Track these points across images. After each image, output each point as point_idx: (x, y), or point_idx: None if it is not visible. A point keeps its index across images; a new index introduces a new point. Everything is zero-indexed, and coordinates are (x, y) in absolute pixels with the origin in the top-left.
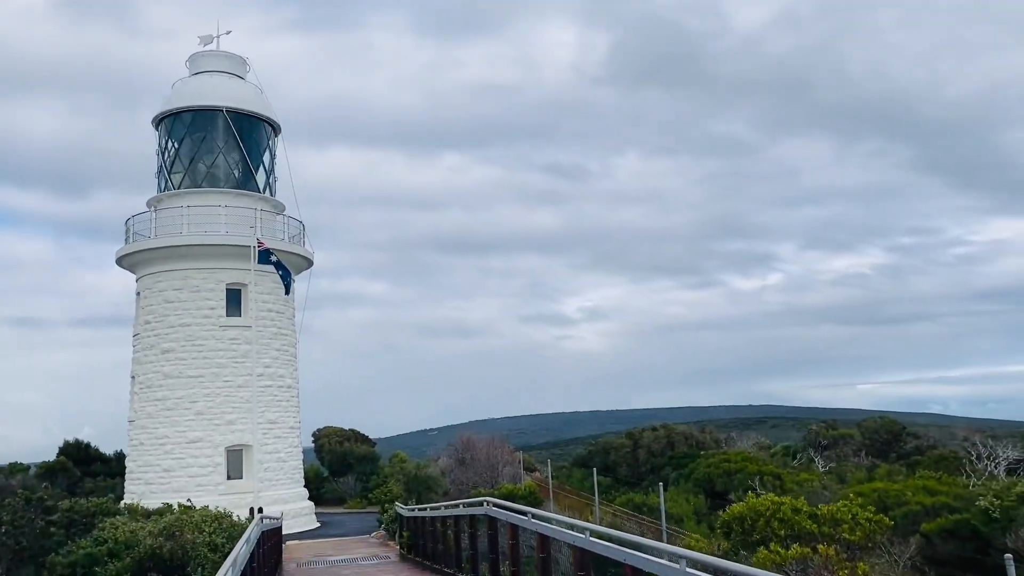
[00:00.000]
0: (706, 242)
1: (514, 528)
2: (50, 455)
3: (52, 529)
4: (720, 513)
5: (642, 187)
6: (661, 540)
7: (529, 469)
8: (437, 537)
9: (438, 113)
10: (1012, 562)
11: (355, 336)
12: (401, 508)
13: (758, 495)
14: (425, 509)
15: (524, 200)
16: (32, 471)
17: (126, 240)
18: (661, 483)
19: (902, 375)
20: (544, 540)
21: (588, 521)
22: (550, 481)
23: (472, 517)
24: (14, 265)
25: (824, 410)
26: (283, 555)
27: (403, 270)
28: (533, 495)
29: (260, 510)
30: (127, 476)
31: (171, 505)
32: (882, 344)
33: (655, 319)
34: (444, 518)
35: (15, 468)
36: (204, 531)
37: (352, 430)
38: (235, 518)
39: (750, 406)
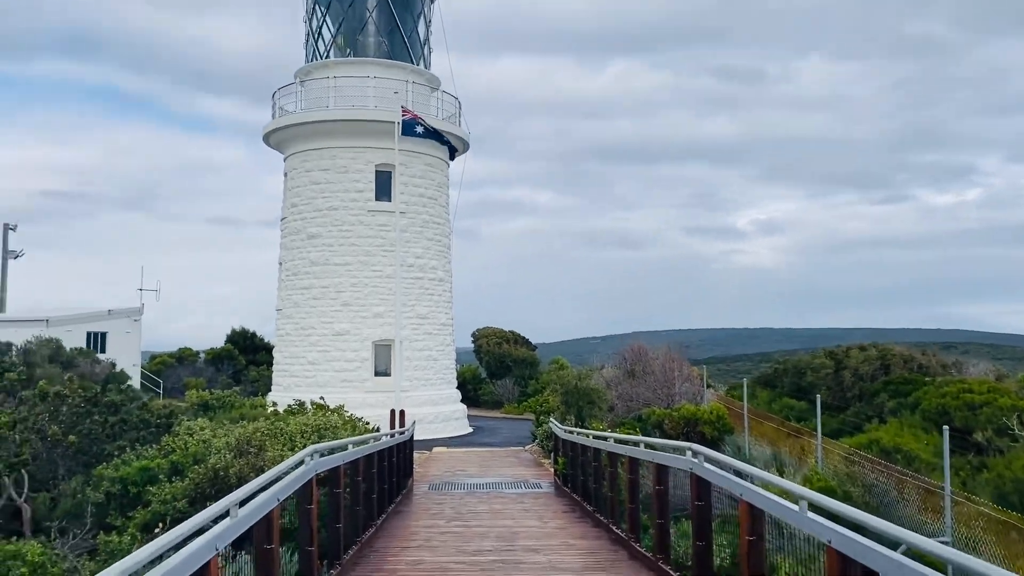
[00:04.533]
0: (896, 153)
1: (752, 510)
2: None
3: (118, 428)
4: (971, 458)
5: (826, 93)
6: (944, 509)
7: (707, 387)
8: (602, 475)
9: (606, 18)
10: None
11: (518, 243)
12: (556, 426)
13: (1017, 439)
14: (588, 436)
15: (695, 106)
16: (201, 357)
17: (272, 116)
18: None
19: None
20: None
21: (809, 464)
22: (745, 405)
23: (660, 468)
24: (213, 169)
25: (1021, 336)
26: (416, 470)
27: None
28: (722, 421)
29: (402, 413)
30: (274, 368)
31: (304, 403)
32: None
33: (834, 235)
34: (615, 455)
35: (184, 353)
36: (298, 445)
37: (512, 332)
38: (368, 424)
39: (937, 330)
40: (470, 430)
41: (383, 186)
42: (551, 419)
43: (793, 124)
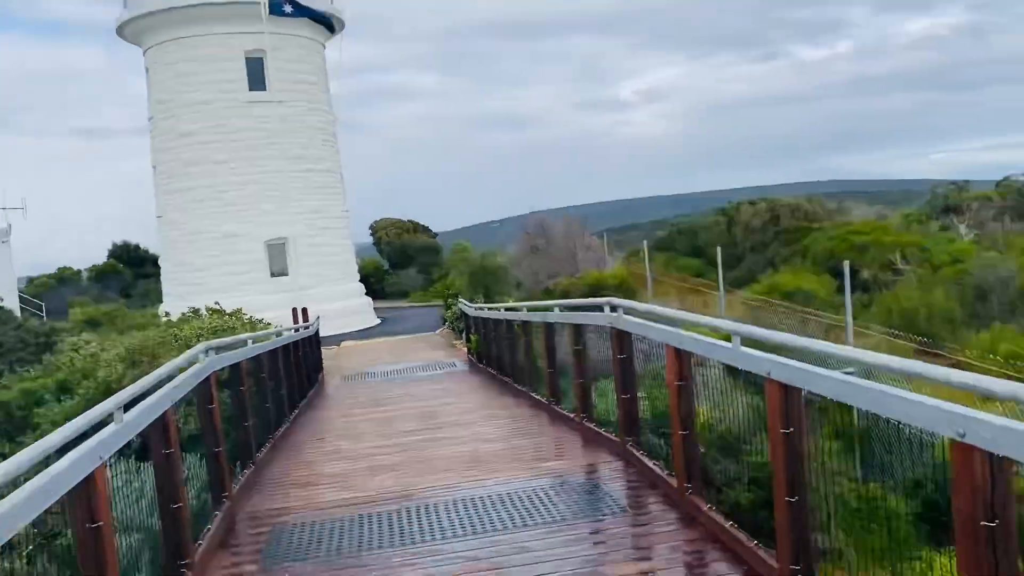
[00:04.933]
0: (771, 10)
1: (680, 354)
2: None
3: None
4: (860, 295)
5: None
6: (846, 341)
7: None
8: (516, 346)
9: None
10: None
11: (407, 130)
12: (466, 305)
13: (900, 272)
14: (500, 310)
15: None
16: (84, 276)
17: (124, 4)
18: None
19: (979, 142)
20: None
21: (712, 316)
22: (647, 265)
23: (577, 328)
24: (71, 76)
25: (896, 182)
26: (327, 364)
27: (452, 60)
28: (625, 284)
29: (304, 311)
30: (163, 278)
31: (198, 310)
32: (957, 112)
33: (716, 97)
34: (528, 324)
35: (65, 273)
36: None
37: (411, 221)
38: (270, 325)
39: (818, 182)
40: (378, 322)
41: (256, 74)
42: (459, 300)
43: None
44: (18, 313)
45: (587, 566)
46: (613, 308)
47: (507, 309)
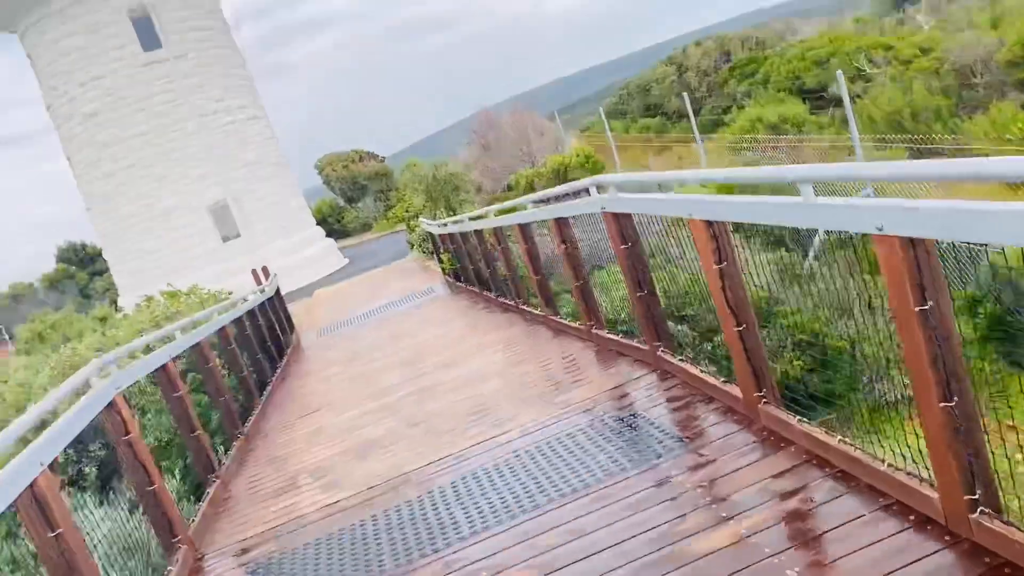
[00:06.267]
0: None
1: (713, 227)
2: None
3: None
4: (833, 112)
5: None
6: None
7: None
8: (493, 257)
9: None
10: None
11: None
12: (429, 224)
13: (869, 79)
14: (464, 221)
15: None
16: (38, 288)
17: None
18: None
19: None
20: None
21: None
22: (608, 137)
23: (561, 222)
24: None
25: None
26: (303, 319)
27: None
28: (591, 160)
29: (264, 270)
30: (112, 271)
31: (152, 296)
32: None
33: None
34: (500, 230)
35: (17, 289)
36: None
37: (355, 151)
38: (230, 294)
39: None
40: (346, 261)
41: (146, 33)
42: (421, 219)
43: None
44: None
45: (664, 542)
46: (601, 188)
47: (473, 219)
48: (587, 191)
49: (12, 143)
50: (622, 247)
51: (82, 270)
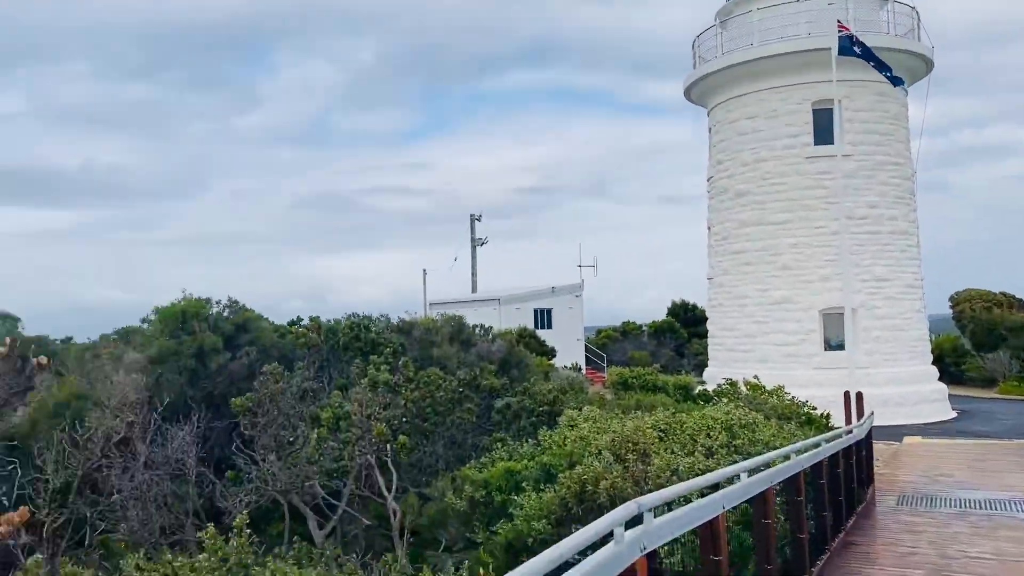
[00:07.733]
0: None
1: None
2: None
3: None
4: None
5: None
6: None
7: None
8: None
9: None
10: None
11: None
12: None
13: None
14: None
15: None
16: (644, 331)
17: (694, 67)
18: None
19: None
20: None
21: None
22: None
23: None
24: (661, 150)
25: None
26: (880, 472)
27: None
28: None
29: (859, 396)
30: (709, 340)
31: (735, 382)
32: None
33: None
34: None
35: (628, 328)
36: (699, 449)
37: (1003, 294)
38: (814, 410)
39: None
40: (953, 415)
41: (822, 126)
42: None
43: None
44: (582, 362)
45: None
46: None
47: None
48: None
49: (678, 202)
50: None
51: (684, 328)
